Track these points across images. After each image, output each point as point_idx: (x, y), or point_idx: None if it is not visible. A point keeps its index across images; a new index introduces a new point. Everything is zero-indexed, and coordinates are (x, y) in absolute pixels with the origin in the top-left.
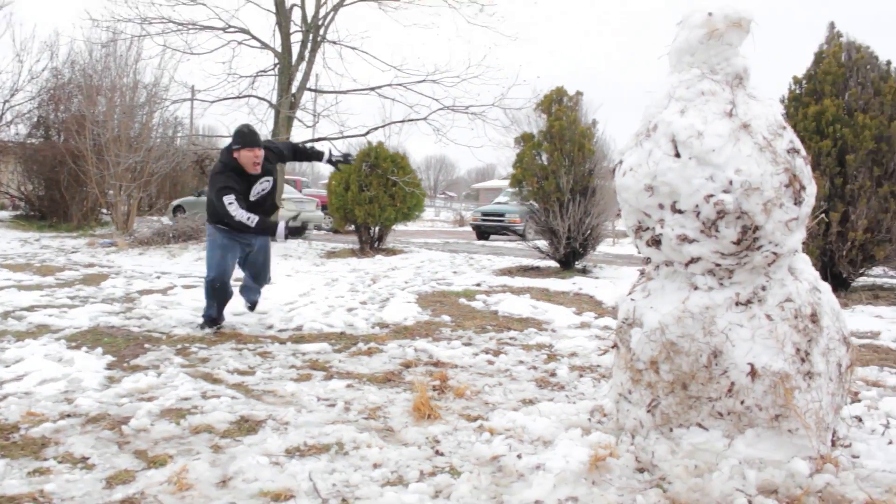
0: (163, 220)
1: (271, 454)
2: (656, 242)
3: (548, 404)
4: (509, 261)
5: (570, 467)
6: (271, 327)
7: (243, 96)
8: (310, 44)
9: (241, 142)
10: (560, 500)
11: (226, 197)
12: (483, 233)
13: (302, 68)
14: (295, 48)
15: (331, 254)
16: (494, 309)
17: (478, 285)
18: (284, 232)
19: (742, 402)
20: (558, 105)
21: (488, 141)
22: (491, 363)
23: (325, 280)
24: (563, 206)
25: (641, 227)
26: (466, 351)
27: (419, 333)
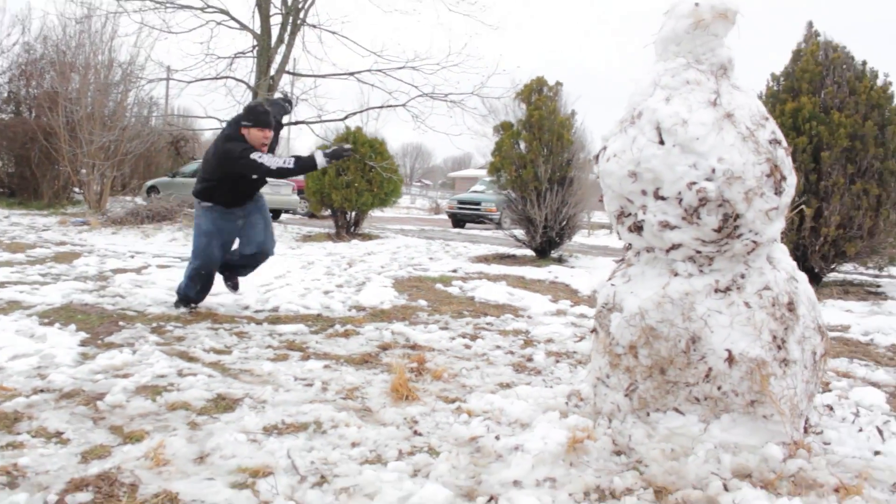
0: (136, 200)
1: (249, 431)
2: (638, 228)
3: (525, 388)
4: (485, 248)
5: (549, 449)
6: (247, 308)
7: (221, 77)
8: (289, 26)
9: (255, 121)
10: (538, 481)
11: (253, 154)
12: (459, 221)
13: (281, 51)
14: (274, 31)
15: (307, 238)
16: (471, 295)
17: (454, 271)
18: (325, 160)
19: (719, 388)
20: (538, 95)
21: (467, 129)
22: (468, 347)
23: (301, 263)
24: (541, 195)
25: (624, 212)
26: (443, 335)
27: (396, 317)
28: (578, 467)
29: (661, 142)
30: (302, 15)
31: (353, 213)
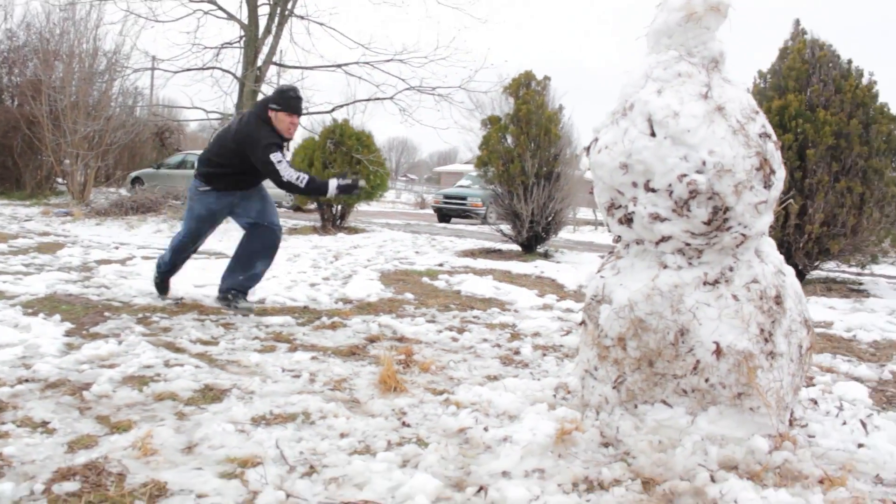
0: (120, 191)
1: (237, 422)
2: (628, 220)
3: (513, 380)
4: (471, 243)
5: (537, 440)
6: None
7: (207, 67)
8: (277, 17)
9: (286, 106)
10: (527, 471)
11: (273, 155)
12: (445, 215)
13: (268, 42)
14: (262, 21)
15: (292, 230)
16: (457, 289)
17: (440, 265)
18: (335, 191)
19: (706, 380)
20: (526, 89)
21: (454, 123)
22: (455, 340)
23: (287, 256)
24: (528, 190)
25: (614, 204)
26: (430, 328)
27: (383, 310)
28: (567, 458)
29: (653, 134)
30: (290, 6)
31: (339, 207)
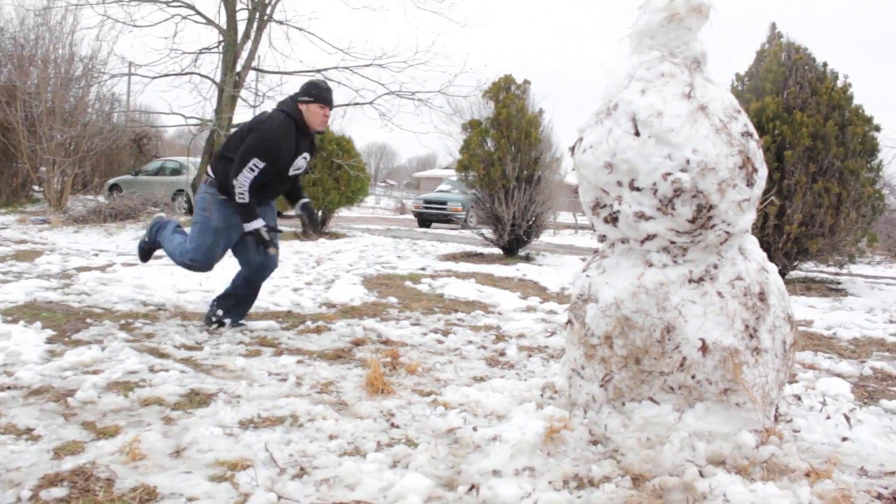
0: (98, 198)
1: (225, 426)
2: (613, 219)
3: (499, 381)
4: (453, 247)
5: (526, 439)
6: None
7: (186, 73)
8: (256, 22)
9: (317, 96)
10: (517, 470)
11: (255, 158)
12: (425, 220)
13: (247, 47)
14: (241, 26)
15: None
16: (440, 292)
17: (423, 269)
18: (254, 230)
19: (693, 377)
20: (506, 93)
21: (434, 128)
22: (440, 342)
23: None
24: (509, 193)
25: (599, 203)
26: (415, 330)
27: (367, 313)
28: (556, 457)
29: (637, 133)
30: (268, 11)
31: (320, 212)
